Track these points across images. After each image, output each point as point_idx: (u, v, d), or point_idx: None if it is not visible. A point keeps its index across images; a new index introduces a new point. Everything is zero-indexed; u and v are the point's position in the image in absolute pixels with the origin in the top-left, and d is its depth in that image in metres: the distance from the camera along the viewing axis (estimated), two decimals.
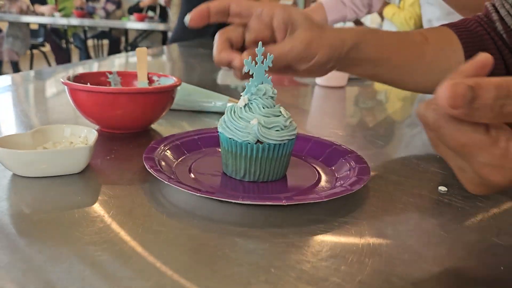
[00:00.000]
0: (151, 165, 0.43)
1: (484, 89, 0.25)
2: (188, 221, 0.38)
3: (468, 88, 0.25)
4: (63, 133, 0.50)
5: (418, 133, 0.73)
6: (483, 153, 0.28)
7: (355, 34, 0.52)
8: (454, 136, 0.28)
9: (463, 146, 0.28)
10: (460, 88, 0.25)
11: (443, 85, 0.26)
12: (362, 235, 0.37)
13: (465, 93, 0.25)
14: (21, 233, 0.34)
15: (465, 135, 0.28)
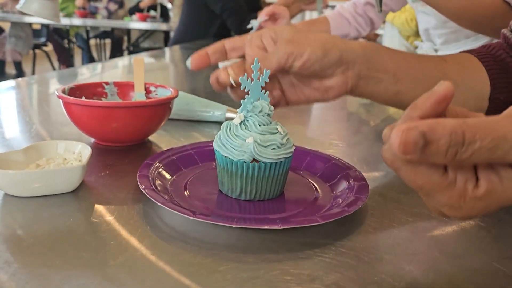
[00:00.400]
0: (146, 186, 0.43)
1: (438, 135, 0.24)
2: (181, 245, 0.37)
3: (420, 135, 0.24)
4: (56, 150, 0.50)
5: None
6: (440, 194, 0.28)
7: (363, 43, 0.51)
8: (411, 178, 0.28)
9: (421, 187, 0.28)
10: (412, 135, 0.24)
11: (395, 130, 0.25)
12: (360, 260, 0.36)
13: (417, 140, 0.24)
14: (13, 257, 0.34)
15: (421, 177, 0.27)
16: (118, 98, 0.67)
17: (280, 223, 0.37)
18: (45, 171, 0.43)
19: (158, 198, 0.40)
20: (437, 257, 0.37)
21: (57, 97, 0.57)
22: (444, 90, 0.27)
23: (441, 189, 0.28)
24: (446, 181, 0.27)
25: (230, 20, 2.22)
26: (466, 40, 1.00)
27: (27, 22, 4.20)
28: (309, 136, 0.73)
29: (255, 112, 0.44)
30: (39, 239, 0.37)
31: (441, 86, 0.27)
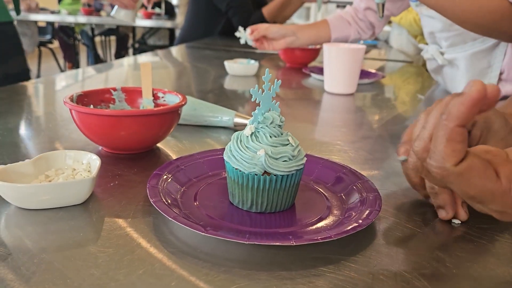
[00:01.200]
0: (156, 199, 0.42)
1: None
2: (193, 261, 0.36)
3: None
4: (65, 160, 0.49)
5: None
6: (494, 203, 0.29)
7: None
8: (463, 190, 0.30)
9: (473, 197, 0.30)
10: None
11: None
12: (374, 278, 0.35)
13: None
14: (22, 272, 0.33)
15: (474, 188, 0.29)
16: (126, 104, 0.67)
17: (293, 239, 0.37)
18: (54, 184, 0.43)
19: (168, 212, 0.40)
20: (453, 273, 0.36)
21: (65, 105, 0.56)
22: (477, 92, 0.27)
23: (494, 198, 0.28)
24: (500, 189, 0.28)
25: (235, 18, 2.22)
26: (473, 42, 0.99)
27: (32, 20, 4.20)
28: (317, 136, 0.72)
29: (266, 123, 0.43)
30: (49, 254, 0.36)
31: (473, 88, 0.27)
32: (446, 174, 0.29)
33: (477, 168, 0.29)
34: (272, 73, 1.36)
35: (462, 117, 0.28)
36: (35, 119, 0.75)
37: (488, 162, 0.30)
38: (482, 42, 0.98)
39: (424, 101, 1.08)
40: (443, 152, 0.29)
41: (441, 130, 0.29)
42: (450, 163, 0.29)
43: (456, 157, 0.29)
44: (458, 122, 0.28)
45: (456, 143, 0.29)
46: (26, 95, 0.92)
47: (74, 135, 0.66)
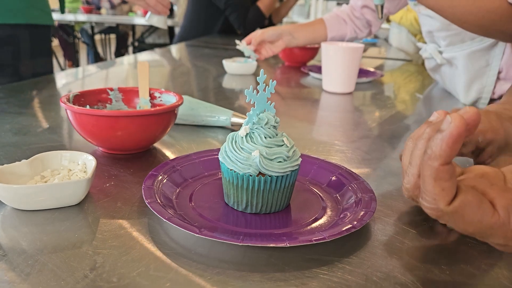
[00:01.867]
0: (151, 200, 0.42)
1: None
2: (187, 263, 0.36)
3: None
4: (61, 161, 0.49)
5: None
6: (494, 237, 0.28)
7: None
8: (460, 227, 0.29)
9: (473, 234, 0.29)
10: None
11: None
12: (368, 280, 0.35)
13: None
14: (18, 273, 0.33)
15: (471, 225, 0.28)
16: (123, 104, 0.67)
17: (287, 240, 0.37)
18: (50, 185, 0.43)
19: (163, 214, 0.40)
20: (448, 281, 0.36)
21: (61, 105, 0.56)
22: (456, 129, 0.26)
23: (494, 232, 0.27)
24: (498, 222, 0.27)
25: (233, 16, 2.21)
26: (471, 41, 0.99)
27: None
28: (315, 136, 0.72)
29: (260, 124, 0.43)
30: (44, 256, 0.36)
31: (452, 124, 0.26)
32: (441, 214, 0.28)
33: (471, 204, 0.28)
34: (271, 71, 1.36)
35: (445, 155, 0.27)
36: (33, 118, 0.75)
37: (482, 194, 0.29)
38: (480, 41, 0.98)
39: (423, 100, 1.08)
40: (433, 193, 0.28)
41: (427, 170, 0.28)
42: (442, 203, 0.28)
43: (447, 196, 0.28)
44: (441, 161, 0.27)
45: (444, 182, 0.27)
46: (24, 93, 0.92)
47: (71, 135, 0.66)
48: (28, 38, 1.14)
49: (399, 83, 1.30)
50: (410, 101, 1.06)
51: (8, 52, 1.10)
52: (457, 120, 0.26)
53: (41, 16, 1.17)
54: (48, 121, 0.74)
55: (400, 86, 1.26)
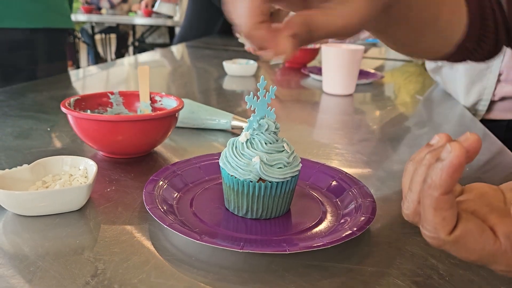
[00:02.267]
0: (151, 206, 0.42)
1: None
2: (188, 269, 0.37)
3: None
4: (62, 166, 0.49)
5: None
6: (497, 264, 0.28)
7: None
8: (463, 256, 0.28)
9: (475, 262, 0.28)
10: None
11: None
12: (368, 285, 0.35)
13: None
14: (19, 281, 0.34)
15: (473, 252, 0.28)
16: (124, 108, 0.67)
17: (287, 246, 0.37)
18: (51, 191, 0.43)
19: (164, 220, 0.40)
20: (448, 281, 0.36)
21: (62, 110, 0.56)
22: (456, 159, 0.26)
23: (496, 259, 0.27)
24: (500, 250, 0.27)
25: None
26: None
27: None
28: (315, 139, 0.72)
29: (261, 130, 0.43)
30: (46, 262, 0.37)
31: (452, 154, 0.26)
32: (442, 243, 0.28)
33: (472, 233, 0.27)
34: (271, 73, 1.36)
35: (445, 185, 0.26)
36: (34, 121, 0.75)
37: (483, 220, 0.29)
38: None
39: (423, 102, 1.08)
40: (433, 222, 0.27)
41: (427, 199, 0.27)
42: (443, 233, 0.27)
43: (448, 226, 0.27)
44: (442, 191, 0.27)
45: (445, 211, 0.27)
46: (25, 96, 0.92)
47: (72, 139, 0.66)
48: (45, 42, 1.13)
49: (399, 84, 1.30)
50: (411, 102, 1.06)
51: (25, 56, 1.10)
52: (457, 149, 0.26)
53: (58, 20, 1.17)
54: (49, 124, 0.74)
55: (401, 87, 1.26)
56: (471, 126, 0.86)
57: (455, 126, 0.89)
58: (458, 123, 0.91)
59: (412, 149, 0.72)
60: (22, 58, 1.10)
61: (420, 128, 0.85)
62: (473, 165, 0.63)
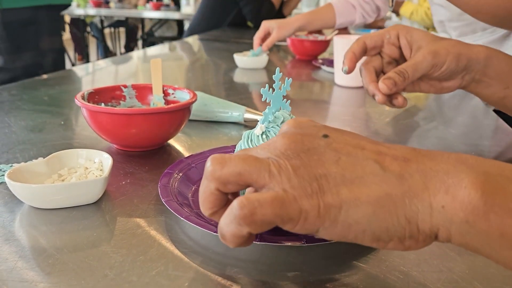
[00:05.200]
0: (167, 198, 0.42)
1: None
2: (205, 261, 0.37)
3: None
4: (77, 159, 0.50)
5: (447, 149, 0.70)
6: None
7: (485, 48, 0.55)
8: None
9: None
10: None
11: None
12: (386, 278, 0.35)
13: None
14: (37, 274, 0.34)
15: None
16: (137, 101, 0.67)
17: (304, 239, 0.37)
18: (67, 184, 0.43)
19: (180, 212, 0.40)
20: (466, 278, 0.36)
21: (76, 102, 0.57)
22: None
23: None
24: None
25: (247, 9, 2.21)
26: (482, 32, 0.97)
27: None
28: None
29: (276, 123, 0.43)
30: (64, 255, 0.37)
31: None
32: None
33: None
34: (281, 65, 1.35)
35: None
36: (47, 115, 0.75)
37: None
38: (492, 32, 0.96)
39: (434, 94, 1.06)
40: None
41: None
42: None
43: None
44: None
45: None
46: (37, 90, 0.92)
47: (85, 132, 0.67)
48: (46, 17, 1.28)
49: None
50: (423, 95, 1.05)
51: (31, 31, 1.25)
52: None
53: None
54: (62, 118, 0.74)
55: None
56: (484, 116, 0.85)
57: (468, 117, 0.87)
58: (471, 114, 0.90)
59: (425, 140, 0.72)
60: (27, 34, 1.24)
61: (432, 120, 0.85)
62: (487, 156, 0.62)
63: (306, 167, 0.27)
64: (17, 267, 0.35)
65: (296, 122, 0.32)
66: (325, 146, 0.29)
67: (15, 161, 0.55)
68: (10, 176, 0.43)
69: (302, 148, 0.29)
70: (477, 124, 0.81)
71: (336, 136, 0.30)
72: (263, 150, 0.30)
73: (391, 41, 0.57)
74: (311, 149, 0.29)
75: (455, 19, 1.00)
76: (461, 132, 0.75)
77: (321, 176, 0.27)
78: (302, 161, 0.28)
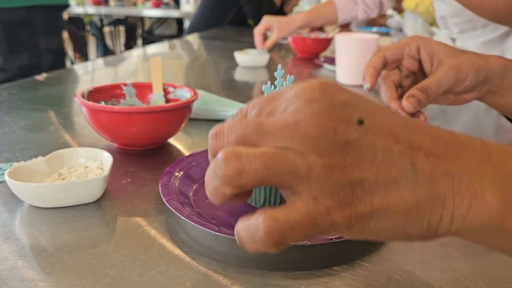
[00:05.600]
0: (168, 197, 0.42)
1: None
2: (206, 261, 0.36)
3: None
4: (77, 158, 0.49)
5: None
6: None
7: (502, 59, 0.54)
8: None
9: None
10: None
11: None
12: (389, 278, 0.35)
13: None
14: (37, 273, 0.34)
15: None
16: (137, 99, 0.67)
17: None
18: (67, 183, 0.43)
19: (181, 211, 0.40)
20: (468, 275, 0.36)
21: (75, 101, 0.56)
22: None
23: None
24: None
25: (247, 7, 2.21)
26: (483, 29, 0.97)
27: None
28: None
29: None
30: (64, 254, 0.36)
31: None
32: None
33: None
34: (283, 63, 1.35)
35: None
36: (46, 114, 0.75)
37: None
38: (493, 29, 0.96)
39: None
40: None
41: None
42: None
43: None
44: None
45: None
46: (36, 90, 0.92)
47: (85, 131, 0.66)
48: (42, 17, 1.28)
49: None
50: None
51: (25, 31, 1.25)
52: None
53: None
54: (62, 117, 0.74)
55: None
56: (487, 115, 0.84)
57: (470, 116, 0.87)
58: (474, 113, 0.89)
59: None
60: (22, 33, 1.25)
61: (435, 119, 0.84)
62: None
63: (341, 169, 0.24)
64: (17, 266, 0.35)
65: (323, 91, 0.26)
66: (361, 139, 0.24)
67: (15, 160, 0.55)
68: (10, 175, 0.43)
69: (335, 141, 0.24)
70: (479, 122, 0.81)
71: (371, 120, 0.25)
72: (283, 133, 0.25)
73: (411, 54, 0.56)
74: (346, 143, 0.24)
75: (456, 14, 1.00)
76: (464, 130, 0.75)
77: (356, 182, 0.24)
78: (336, 161, 0.24)
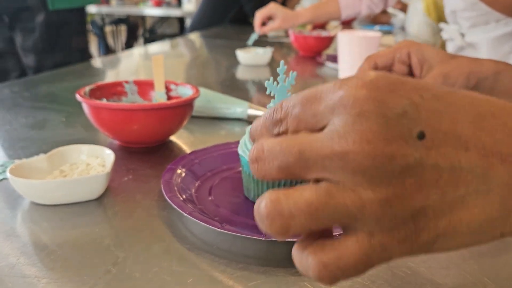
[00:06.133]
0: (171, 194, 0.42)
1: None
2: (209, 257, 0.36)
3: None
4: (79, 155, 0.49)
5: None
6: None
7: (495, 62, 0.53)
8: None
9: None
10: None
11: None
12: (394, 275, 0.35)
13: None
14: (39, 270, 0.33)
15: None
16: (138, 97, 0.66)
17: None
18: (69, 180, 0.42)
19: (184, 208, 0.40)
20: (474, 272, 0.35)
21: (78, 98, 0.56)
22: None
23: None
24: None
25: (249, 5, 2.20)
26: (496, 23, 0.96)
27: None
28: None
29: None
30: (66, 251, 0.36)
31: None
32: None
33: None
34: (285, 62, 1.35)
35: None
36: (48, 112, 0.75)
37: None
38: (505, 24, 0.95)
39: None
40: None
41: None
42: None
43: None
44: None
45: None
46: (38, 87, 0.92)
47: (87, 129, 0.66)
48: (79, 18, 1.37)
49: None
50: None
51: (64, 31, 1.32)
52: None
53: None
54: (64, 115, 0.74)
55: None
56: None
57: None
58: None
59: None
60: (61, 36, 1.32)
61: None
62: None
63: (400, 200, 0.20)
64: (19, 263, 0.35)
65: (374, 101, 0.20)
66: (422, 159, 0.20)
67: (17, 157, 0.55)
68: (12, 172, 0.42)
69: (392, 170, 0.20)
70: None
71: (434, 130, 0.20)
72: (329, 164, 0.20)
73: (401, 60, 0.56)
74: (405, 169, 0.20)
75: (468, 8, 0.99)
76: None
77: (419, 212, 0.20)
78: (394, 192, 0.20)
